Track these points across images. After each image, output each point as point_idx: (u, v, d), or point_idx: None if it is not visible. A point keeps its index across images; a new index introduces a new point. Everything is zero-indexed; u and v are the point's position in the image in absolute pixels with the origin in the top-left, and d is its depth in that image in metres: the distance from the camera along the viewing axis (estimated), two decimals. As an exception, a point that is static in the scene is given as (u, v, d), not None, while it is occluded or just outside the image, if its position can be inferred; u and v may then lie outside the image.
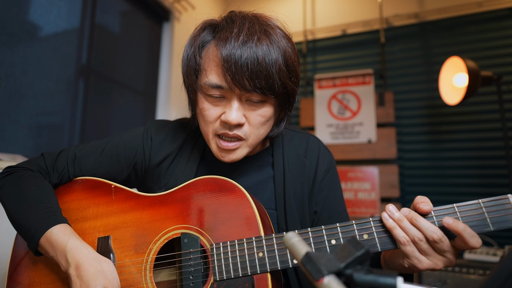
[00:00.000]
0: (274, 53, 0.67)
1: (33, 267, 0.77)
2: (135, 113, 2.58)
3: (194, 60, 0.74)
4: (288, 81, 0.71)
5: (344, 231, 0.63)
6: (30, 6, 1.81)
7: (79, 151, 0.86)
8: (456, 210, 0.60)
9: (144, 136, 0.87)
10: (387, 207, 0.62)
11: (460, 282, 2.05)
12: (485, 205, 0.58)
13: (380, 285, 0.34)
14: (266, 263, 0.64)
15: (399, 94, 2.86)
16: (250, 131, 0.72)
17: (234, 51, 0.65)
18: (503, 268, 0.30)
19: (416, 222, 0.59)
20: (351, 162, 2.86)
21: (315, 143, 0.88)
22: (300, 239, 0.41)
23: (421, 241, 0.58)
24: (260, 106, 0.72)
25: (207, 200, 0.71)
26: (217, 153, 0.75)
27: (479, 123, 2.61)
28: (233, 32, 0.67)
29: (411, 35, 2.90)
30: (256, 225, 0.67)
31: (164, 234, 0.72)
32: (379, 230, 0.62)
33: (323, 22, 3.22)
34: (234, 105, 0.69)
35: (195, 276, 0.67)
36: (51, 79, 1.90)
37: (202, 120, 0.75)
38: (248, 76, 0.65)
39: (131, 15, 2.59)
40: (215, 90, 0.70)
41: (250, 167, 0.85)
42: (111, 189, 0.80)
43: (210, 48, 0.72)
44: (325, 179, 0.85)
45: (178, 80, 2.85)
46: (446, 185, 2.64)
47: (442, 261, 0.58)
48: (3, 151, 1.64)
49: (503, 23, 2.62)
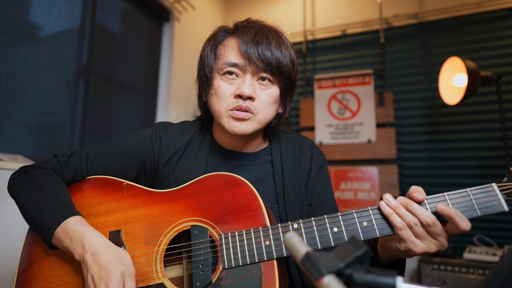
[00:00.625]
0: (283, 46, 0.82)
1: (43, 261, 0.78)
2: (135, 113, 2.58)
3: (215, 48, 0.86)
4: (291, 70, 0.84)
5: (345, 219, 0.68)
6: (30, 7, 1.81)
7: (91, 150, 0.90)
8: (446, 198, 0.65)
9: (153, 135, 0.92)
10: (384, 196, 0.67)
11: (460, 282, 2.05)
12: (472, 193, 0.64)
13: (380, 284, 0.34)
14: (272, 251, 0.68)
15: (398, 94, 2.87)
16: (259, 107, 0.82)
17: (250, 39, 0.80)
18: (502, 268, 0.30)
19: (411, 208, 0.64)
20: (351, 162, 2.87)
21: (308, 144, 0.98)
22: (300, 239, 0.41)
23: (416, 225, 0.63)
24: (268, 86, 0.83)
25: (216, 194, 0.75)
26: (229, 124, 0.81)
27: (478, 123, 2.61)
28: (249, 28, 0.82)
29: (411, 35, 2.90)
30: (262, 216, 0.71)
31: (175, 227, 0.74)
32: (377, 218, 0.67)
33: (323, 22, 3.23)
34: (247, 80, 0.80)
35: (205, 264, 0.69)
36: (51, 79, 1.90)
37: (216, 98, 0.83)
38: (260, 57, 0.79)
39: (131, 15, 2.59)
40: (230, 67, 0.81)
41: (251, 163, 0.91)
42: (123, 186, 0.83)
43: (228, 39, 0.85)
44: (318, 175, 0.94)
45: (178, 80, 2.85)
46: (445, 185, 2.64)
47: (435, 244, 0.64)
48: (3, 151, 1.64)
49: (502, 23, 2.62)
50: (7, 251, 1.49)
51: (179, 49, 2.88)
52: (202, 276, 0.68)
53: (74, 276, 0.75)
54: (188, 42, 3.00)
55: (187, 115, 2.95)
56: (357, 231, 0.66)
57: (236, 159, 0.91)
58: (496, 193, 0.64)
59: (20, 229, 1.54)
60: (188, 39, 3.00)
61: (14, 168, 1.54)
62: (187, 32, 3.00)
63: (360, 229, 0.66)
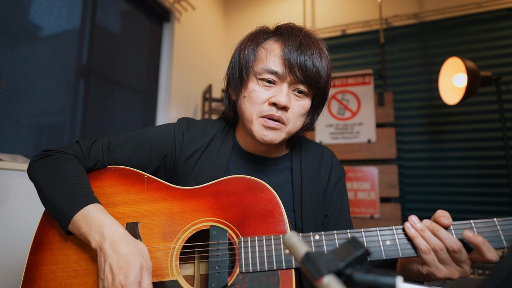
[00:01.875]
0: (324, 59, 0.81)
1: (57, 245, 0.78)
2: (135, 113, 2.58)
3: (256, 49, 0.83)
4: (327, 84, 0.83)
5: (368, 235, 0.67)
6: (30, 7, 1.81)
7: (114, 140, 0.90)
8: (473, 225, 0.65)
9: (176, 130, 0.91)
10: (410, 218, 0.66)
11: (460, 282, 2.05)
12: (499, 223, 0.64)
13: (380, 284, 0.34)
14: (292, 260, 0.67)
15: (398, 94, 2.87)
16: (291, 118, 0.81)
17: (295, 47, 0.77)
18: (502, 268, 0.30)
19: (438, 232, 0.64)
20: (351, 162, 2.87)
21: (329, 155, 0.97)
22: (300, 239, 0.41)
23: (442, 250, 0.63)
24: (303, 98, 0.82)
25: (238, 197, 0.75)
26: (260, 132, 0.80)
27: (478, 123, 2.61)
28: (294, 35, 0.80)
29: (411, 35, 2.90)
30: (283, 224, 0.71)
31: (193, 225, 0.74)
32: (401, 238, 0.66)
33: (322, 22, 3.23)
34: (284, 89, 0.79)
35: (222, 266, 0.69)
36: (51, 79, 1.90)
37: (249, 102, 0.81)
38: (301, 69, 0.77)
39: (132, 15, 2.59)
40: (269, 75, 0.79)
41: (271, 169, 0.91)
42: (143, 179, 0.82)
43: (271, 43, 0.83)
44: (336, 187, 0.93)
45: (178, 80, 2.85)
46: (445, 185, 2.64)
47: (458, 271, 0.63)
48: (4, 151, 1.64)
49: (502, 24, 2.62)
50: (9, 250, 1.49)
51: (179, 49, 2.88)
52: (218, 278, 0.68)
53: (86, 264, 0.74)
54: (188, 42, 3.00)
55: (187, 115, 2.95)
56: (380, 249, 0.66)
57: (257, 163, 0.90)
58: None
59: (22, 228, 1.55)
60: (188, 39, 3.00)
61: (14, 168, 1.54)
62: (187, 32, 3.00)
63: (382, 247, 0.66)
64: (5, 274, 1.47)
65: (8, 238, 1.50)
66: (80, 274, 0.74)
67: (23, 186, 1.57)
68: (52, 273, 0.74)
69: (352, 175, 2.79)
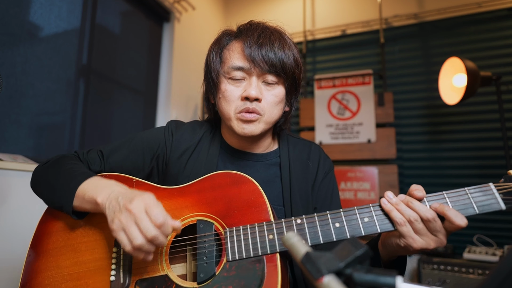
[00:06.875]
0: (286, 47, 0.84)
1: (52, 252, 0.80)
2: (135, 113, 2.58)
3: (220, 53, 0.89)
4: (295, 69, 0.86)
5: (347, 215, 0.70)
6: (30, 7, 1.81)
7: (105, 148, 0.94)
8: (445, 196, 0.67)
9: (166, 132, 0.96)
10: (386, 193, 0.70)
11: (460, 282, 2.05)
12: (470, 192, 0.67)
13: (380, 284, 0.34)
14: (276, 244, 0.70)
15: (398, 94, 2.87)
16: (266, 107, 0.84)
17: (254, 42, 0.82)
18: (502, 268, 0.30)
19: (412, 204, 0.66)
20: (351, 162, 2.87)
21: (316, 149, 1.01)
22: (300, 239, 0.41)
23: (416, 221, 0.65)
24: (274, 87, 0.85)
25: (222, 191, 0.78)
26: (239, 126, 0.84)
27: (478, 123, 2.61)
28: (252, 30, 0.85)
29: (411, 35, 2.90)
30: (266, 212, 0.73)
31: (181, 221, 0.76)
32: (378, 214, 0.69)
33: (322, 23, 3.23)
34: (253, 82, 0.83)
35: (209, 256, 0.72)
36: (51, 79, 1.90)
37: (224, 101, 0.86)
38: (264, 59, 0.81)
39: (132, 15, 2.59)
40: (237, 72, 0.84)
41: (260, 164, 0.94)
42: (132, 183, 0.85)
43: (233, 43, 0.88)
44: (324, 180, 0.96)
45: (178, 80, 2.85)
46: (445, 185, 2.64)
47: (434, 241, 0.66)
48: (4, 151, 1.64)
49: (502, 24, 2.62)
50: (9, 250, 1.49)
51: (179, 49, 2.88)
52: (206, 268, 0.70)
53: (80, 267, 0.77)
54: (188, 42, 3.00)
55: (187, 115, 2.95)
56: (358, 226, 0.68)
57: (245, 159, 0.94)
58: (493, 192, 0.66)
59: (22, 228, 1.54)
60: (188, 39, 3.00)
61: (14, 168, 1.54)
62: (187, 32, 3.00)
63: (361, 225, 0.68)
64: (5, 274, 1.47)
65: (8, 238, 1.50)
66: (74, 277, 0.76)
67: (23, 186, 1.56)
68: (47, 279, 0.77)
69: (352, 175, 2.79)
